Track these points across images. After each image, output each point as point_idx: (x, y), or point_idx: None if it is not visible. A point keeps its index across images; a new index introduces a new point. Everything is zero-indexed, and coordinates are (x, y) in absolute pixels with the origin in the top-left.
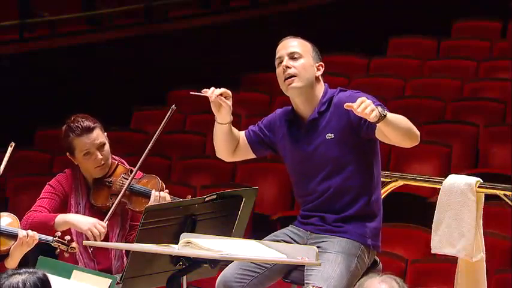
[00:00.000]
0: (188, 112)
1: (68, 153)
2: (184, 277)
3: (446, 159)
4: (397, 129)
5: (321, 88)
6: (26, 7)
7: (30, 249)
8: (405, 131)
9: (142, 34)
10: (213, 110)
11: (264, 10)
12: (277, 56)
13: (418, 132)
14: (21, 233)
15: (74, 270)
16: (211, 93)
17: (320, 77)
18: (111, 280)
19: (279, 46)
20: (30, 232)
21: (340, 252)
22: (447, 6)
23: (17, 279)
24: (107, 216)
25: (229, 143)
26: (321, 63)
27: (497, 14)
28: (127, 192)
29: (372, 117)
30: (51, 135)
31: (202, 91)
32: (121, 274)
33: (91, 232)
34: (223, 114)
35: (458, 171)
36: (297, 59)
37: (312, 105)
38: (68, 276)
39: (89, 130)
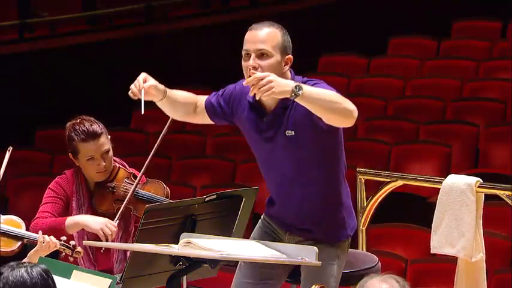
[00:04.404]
0: None
1: (70, 154)
2: (184, 277)
3: (446, 159)
4: (321, 107)
5: None
6: (26, 7)
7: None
8: (332, 109)
9: (142, 34)
10: (149, 99)
11: (264, 10)
12: (244, 47)
13: (351, 108)
14: (41, 238)
15: (74, 270)
16: (138, 91)
17: (287, 69)
18: (111, 280)
19: (247, 35)
20: (47, 237)
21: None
22: (447, 6)
23: (21, 270)
24: (115, 220)
25: (179, 108)
26: (290, 56)
27: (497, 14)
28: (132, 198)
29: (266, 94)
30: (51, 135)
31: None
32: (121, 274)
33: (103, 232)
34: (155, 95)
35: (458, 171)
36: (265, 58)
37: (275, 99)
38: (68, 276)
39: (95, 136)
